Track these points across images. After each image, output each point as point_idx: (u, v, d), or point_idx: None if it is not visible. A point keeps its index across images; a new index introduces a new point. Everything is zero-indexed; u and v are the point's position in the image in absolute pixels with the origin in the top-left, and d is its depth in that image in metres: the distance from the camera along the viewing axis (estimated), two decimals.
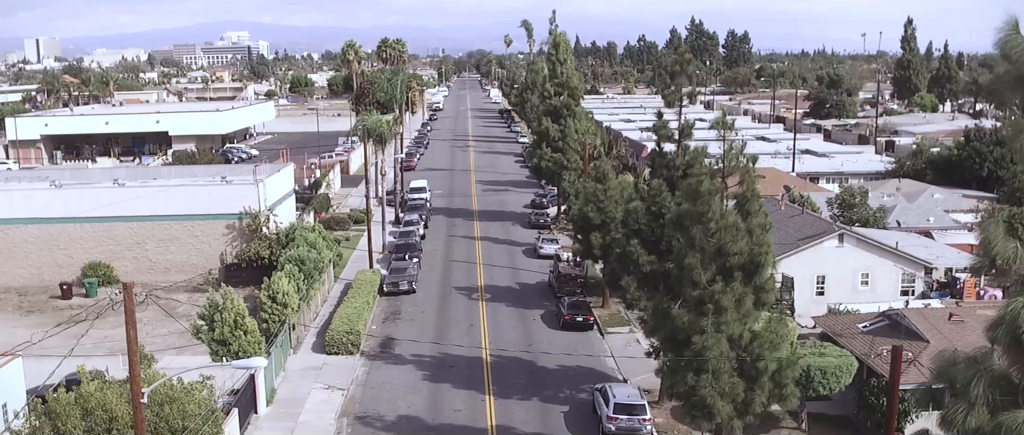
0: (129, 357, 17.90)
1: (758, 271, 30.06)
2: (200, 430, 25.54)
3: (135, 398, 18.22)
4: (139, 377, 18.09)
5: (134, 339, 17.89)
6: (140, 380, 18.20)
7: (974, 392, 11.85)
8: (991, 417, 11.75)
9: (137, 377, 18.02)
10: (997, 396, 11.87)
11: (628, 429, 36.12)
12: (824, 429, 37.88)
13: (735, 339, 29.90)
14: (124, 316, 17.80)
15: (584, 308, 51.84)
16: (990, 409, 11.86)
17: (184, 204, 60.77)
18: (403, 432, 38.06)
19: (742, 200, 30.62)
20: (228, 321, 40.66)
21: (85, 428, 24.17)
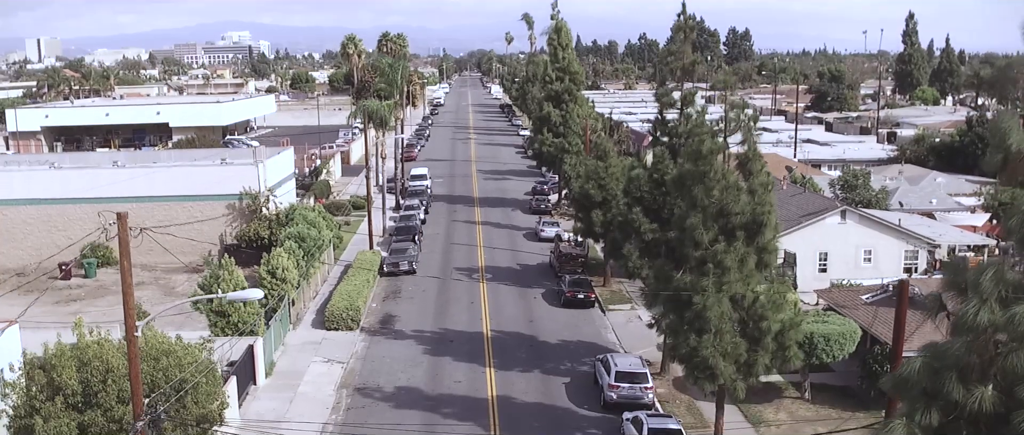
0: (124, 289, 17.61)
1: (760, 231, 29.77)
2: (200, 386, 25.26)
3: (129, 333, 17.95)
4: (133, 311, 17.81)
5: (128, 270, 17.64)
6: (135, 315, 17.90)
7: (985, 286, 11.58)
8: (1003, 310, 11.49)
9: (132, 311, 17.74)
10: (1008, 291, 11.60)
11: (630, 397, 35.84)
12: (827, 399, 37.56)
13: (738, 300, 29.63)
14: (119, 247, 17.52)
15: (585, 285, 51.58)
16: (1002, 304, 11.59)
17: (184, 185, 60.57)
18: (403, 402, 37.79)
19: (744, 159, 30.34)
20: (227, 291, 40.42)
21: (80, 379, 23.92)
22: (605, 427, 35.13)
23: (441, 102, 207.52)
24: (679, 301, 30.40)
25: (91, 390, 23.70)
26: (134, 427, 18.17)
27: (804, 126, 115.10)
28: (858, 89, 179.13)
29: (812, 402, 37.37)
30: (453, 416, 36.26)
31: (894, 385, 12.53)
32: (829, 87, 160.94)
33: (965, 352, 11.78)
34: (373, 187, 72.15)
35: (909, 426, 11.93)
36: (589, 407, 37.23)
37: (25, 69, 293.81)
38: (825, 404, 37.13)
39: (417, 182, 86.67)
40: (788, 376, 39.78)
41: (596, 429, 35.15)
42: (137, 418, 18.07)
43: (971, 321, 11.66)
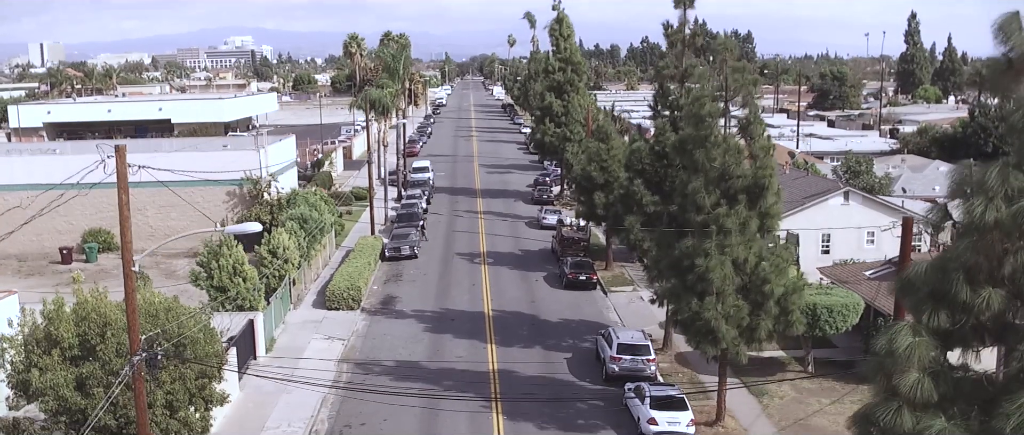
0: (121, 223, 17.46)
1: (762, 194, 29.66)
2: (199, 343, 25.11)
3: (126, 267, 17.78)
4: (130, 244, 17.64)
5: (126, 204, 17.51)
6: (132, 249, 17.73)
7: (991, 184, 11.41)
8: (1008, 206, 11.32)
9: (129, 244, 17.57)
10: (1013, 188, 11.43)
11: (632, 369, 35.63)
12: (830, 373, 37.30)
13: (740, 263, 29.47)
14: (116, 180, 17.40)
15: (587, 267, 51.39)
16: (1007, 201, 11.42)
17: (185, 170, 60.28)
18: (404, 375, 37.61)
19: (745, 123, 30.20)
20: (227, 267, 40.35)
21: (78, 333, 23.79)
22: (607, 398, 34.92)
23: (443, 103, 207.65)
24: (681, 266, 30.25)
25: (89, 344, 23.57)
26: (130, 361, 18.02)
27: (806, 123, 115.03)
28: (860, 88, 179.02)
29: (815, 375, 37.14)
30: (454, 388, 36.07)
31: (901, 287, 12.35)
32: (831, 86, 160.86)
33: (971, 252, 11.61)
34: (375, 179, 72.05)
35: (916, 327, 11.75)
36: (591, 380, 37.04)
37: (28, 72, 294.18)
38: (828, 378, 36.89)
39: (419, 174, 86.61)
40: (791, 351, 39.66)
41: (598, 400, 34.95)
42: (133, 353, 17.91)
43: (977, 220, 11.48)
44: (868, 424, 12.28)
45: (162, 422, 23.08)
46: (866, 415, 12.31)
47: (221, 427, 32.09)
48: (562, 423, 32.68)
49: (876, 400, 12.16)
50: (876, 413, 11.83)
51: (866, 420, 12.34)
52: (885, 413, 11.67)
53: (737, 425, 32.35)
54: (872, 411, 12.04)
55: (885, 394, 12.04)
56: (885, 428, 11.68)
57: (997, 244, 11.60)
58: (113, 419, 22.95)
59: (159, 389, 23.18)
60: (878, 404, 11.97)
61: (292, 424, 32.61)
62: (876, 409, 11.91)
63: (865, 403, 12.78)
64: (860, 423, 12.51)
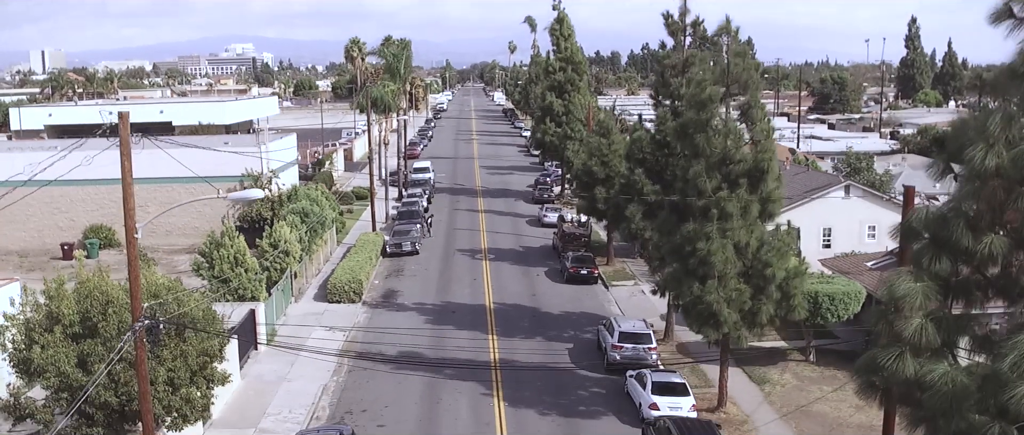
0: (124, 190, 17.45)
1: (763, 178, 29.70)
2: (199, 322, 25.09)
3: (128, 234, 17.76)
4: (133, 210, 17.61)
5: (129, 171, 17.49)
6: (134, 216, 17.71)
7: (992, 130, 11.43)
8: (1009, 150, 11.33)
9: (132, 210, 17.55)
10: (1015, 133, 11.45)
11: (633, 358, 35.56)
12: (832, 362, 37.28)
13: (742, 247, 29.49)
14: (120, 148, 17.37)
15: (588, 262, 51.38)
16: (1008, 146, 11.44)
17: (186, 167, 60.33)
18: (405, 365, 37.56)
19: (745, 107, 30.26)
20: (228, 258, 40.38)
21: (80, 310, 23.77)
22: (608, 387, 34.88)
23: (444, 108, 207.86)
24: (682, 251, 30.25)
25: (91, 322, 23.54)
26: (132, 328, 18.01)
27: (806, 125, 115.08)
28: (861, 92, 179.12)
29: (817, 365, 37.10)
30: (456, 376, 36.03)
31: (904, 233, 12.35)
32: (832, 90, 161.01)
33: (973, 198, 11.62)
34: (376, 180, 72.11)
35: (917, 273, 11.75)
36: (592, 369, 36.98)
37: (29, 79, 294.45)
38: (830, 367, 36.84)
39: (420, 174, 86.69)
40: (793, 342, 39.62)
41: (599, 388, 34.91)
42: (136, 320, 17.90)
43: (978, 166, 11.49)
44: (870, 372, 12.27)
45: (164, 398, 23.04)
46: (868, 363, 12.31)
47: (222, 414, 32.06)
48: (563, 410, 32.65)
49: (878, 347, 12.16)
50: (879, 359, 11.82)
51: (868, 368, 12.34)
52: (887, 358, 11.66)
53: (739, 411, 32.31)
54: (874, 358, 12.03)
55: (887, 340, 12.04)
56: (888, 374, 11.66)
57: (998, 190, 11.60)
58: (114, 397, 22.91)
59: (161, 366, 23.14)
60: (880, 351, 11.96)
61: (293, 410, 32.58)
62: (878, 355, 11.90)
63: (867, 352, 12.78)
64: (862, 371, 12.51)
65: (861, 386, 12.67)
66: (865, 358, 12.59)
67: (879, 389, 12.35)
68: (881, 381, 12.14)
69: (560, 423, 31.47)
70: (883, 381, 12.04)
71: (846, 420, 31.34)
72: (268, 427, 31.11)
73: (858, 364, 12.71)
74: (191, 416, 24.11)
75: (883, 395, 12.66)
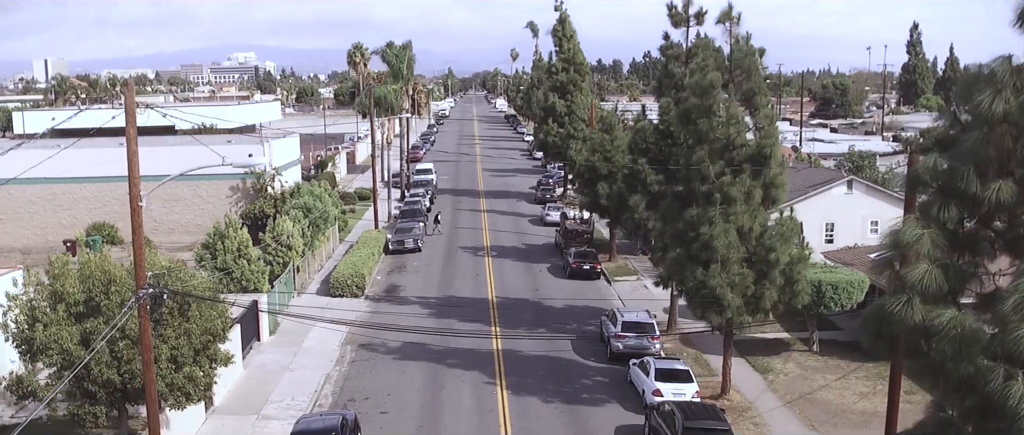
0: (129, 158, 17.45)
1: (766, 164, 29.67)
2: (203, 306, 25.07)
3: (132, 202, 17.75)
4: (138, 179, 17.60)
5: (134, 138, 17.48)
6: (139, 184, 17.70)
7: (1000, 75, 11.41)
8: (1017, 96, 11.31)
9: (136, 179, 17.53)
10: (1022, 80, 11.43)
11: (636, 347, 35.49)
12: (835, 352, 37.18)
13: (745, 232, 29.45)
14: (125, 117, 17.36)
15: (590, 257, 51.33)
16: (1016, 92, 11.41)
17: (188, 164, 60.28)
18: (408, 355, 37.53)
19: (749, 94, 30.25)
20: (231, 249, 40.37)
21: (83, 289, 23.77)
22: (611, 376, 34.80)
23: (446, 114, 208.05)
24: (685, 237, 30.21)
25: (94, 301, 23.53)
26: (136, 295, 17.97)
27: (808, 129, 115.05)
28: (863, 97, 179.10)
29: (820, 355, 37.00)
30: (458, 366, 35.98)
31: (911, 182, 12.30)
32: (834, 95, 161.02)
33: (981, 145, 11.58)
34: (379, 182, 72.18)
35: (924, 220, 11.71)
36: (595, 359, 36.94)
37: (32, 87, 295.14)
38: (833, 356, 36.74)
39: (423, 175, 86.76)
40: (796, 333, 39.53)
41: (602, 377, 34.83)
42: (140, 287, 17.87)
43: (986, 111, 11.46)
44: (877, 322, 12.22)
45: (167, 376, 23.00)
46: (876, 312, 12.26)
47: (224, 401, 32.04)
48: (566, 397, 32.56)
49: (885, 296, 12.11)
50: (886, 307, 11.76)
51: (875, 318, 12.28)
52: (894, 305, 11.61)
53: (742, 398, 32.22)
54: (882, 306, 11.98)
55: (894, 288, 11.99)
56: (895, 321, 11.61)
57: (1006, 137, 11.58)
58: (117, 374, 22.88)
59: (164, 344, 23.11)
60: (888, 298, 11.91)
61: (296, 398, 32.51)
62: (886, 303, 11.85)
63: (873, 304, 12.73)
64: (870, 322, 12.45)
65: (869, 336, 12.60)
66: (873, 307, 12.54)
67: (886, 339, 12.28)
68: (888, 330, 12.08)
69: (563, 410, 31.38)
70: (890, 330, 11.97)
71: (850, 407, 31.24)
72: (271, 413, 31.03)
73: (866, 314, 12.66)
74: (194, 395, 24.08)
75: (890, 345, 12.60)
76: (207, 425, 29.91)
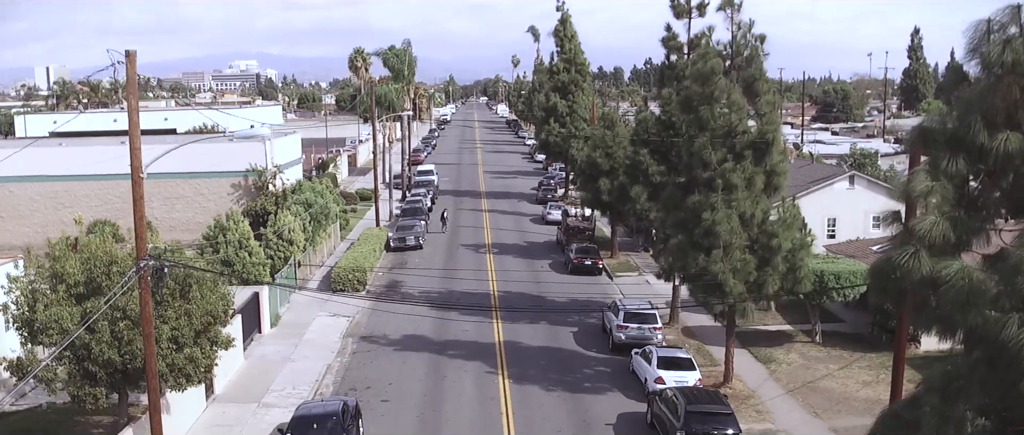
0: (130, 129, 17.37)
1: (768, 150, 29.57)
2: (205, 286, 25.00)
3: (134, 174, 17.65)
4: (139, 150, 17.51)
5: (135, 109, 17.40)
6: (140, 154, 17.61)
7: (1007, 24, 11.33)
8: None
9: (138, 150, 17.45)
10: None
11: (638, 338, 35.37)
12: (838, 343, 37.03)
13: (747, 218, 29.34)
14: (127, 85, 17.27)
15: (592, 252, 51.22)
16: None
17: (189, 162, 60.32)
18: (409, 346, 37.45)
19: (750, 80, 30.18)
20: (233, 241, 40.30)
21: (84, 270, 23.70)
22: (614, 366, 34.68)
23: (447, 119, 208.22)
24: (687, 223, 30.11)
25: (95, 282, 23.45)
26: (136, 265, 17.87)
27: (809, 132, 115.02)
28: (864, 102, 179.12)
29: (823, 346, 36.84)
30: (460, 356, 35.88)
31: (917, 136, 12.20)
32: (835, 99, 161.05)
33: (988, 95, 11.48)
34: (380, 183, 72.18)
35: (934, 171, 11.60)
36: (597, 350, 36.83)
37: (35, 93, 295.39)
38: (836, 347, 36.59)
39: (424, 176, 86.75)
40: (799, 326, 39.39)
41: (604, 367, 34.70)
42: (140, 258, 17.77)
43: (995, 59, 11.37)
44: (884, 276, 12.11)
45: (168, 356, 22.90)
46: (882, 266, 12.15)
47: (225, 389, 31.94)
48: (569, 386, 32.44)
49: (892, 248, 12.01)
50: (893, 258, 11.66)
51: (882, 271, 12.17)
52: (902, 256, 11.50)
53: (744, 386, 32.07)
54: (889, 258, 11.87)
55: (902, 239, 11.89)
56: (903, 272, 11.50)
57: (1014, 87, 11.48)
58: (117, 355, 22.77)
59: (164, 324, 23.02)
60: (895, 250, 11.81)
61: (297, 387, 32.38)
62: (893, 255, 11.74)
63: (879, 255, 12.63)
64: (876, 275, 12.35)
65: (876, 288, 12.48)
66: (880, 259, 12.43)
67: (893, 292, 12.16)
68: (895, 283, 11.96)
69: (565, 398, 31.25)
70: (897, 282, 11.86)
71: (854, 395, 31.08)
72: (272, 402, 30.91)
73: (873, 266, 12.54)
74: (194, 376, 23.97)
75: (897, 298, 12.48)
76: (208, 413, 29.79)
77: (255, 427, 28.51)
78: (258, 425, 28.66)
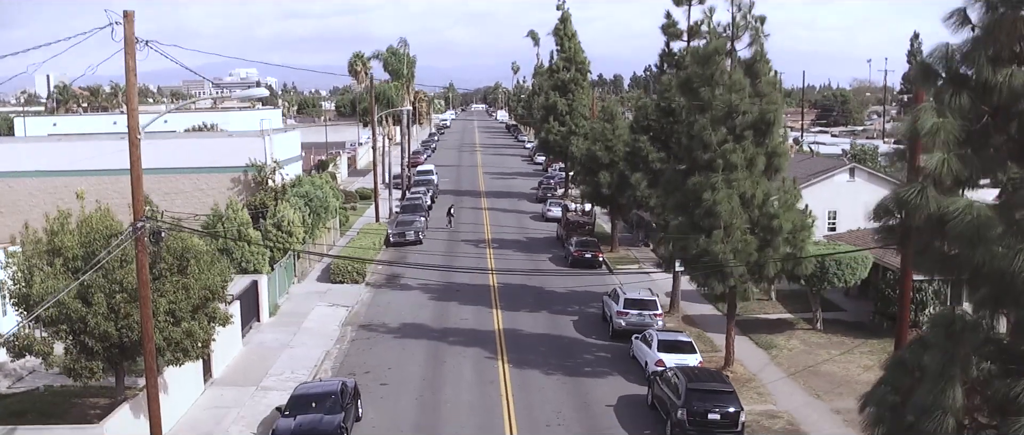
0: (128, 90, 17.25)
1: (769, 130, 29.48)
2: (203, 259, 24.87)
3: (131, 134, 17.53)
4: (136, 110, 17.37)
5: (133, 70, 17.28)
6: (137, 116, 17.45)
7: None
8: None
9: (135, 110, 17.30)
10: None
11: (638, 324, 35.20)
12: (839, 330, 36.86)
13: (747, 199, 29.22)
14: (124, 47, 17.14)
15: (592, 245, 51.08)
16: None
17: (189, 157, 60.28)
18: (408, 334, 37.27)
19: (751, 62, 30.09)
20: (231, 230, 40.15)
21: (83, 242, 23.56)
22: (614, 352, 34.51)
23: (448, 125, 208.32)
24: (688, 206, 29.99)
25: (93, 254, 23.31)
26: (133, 225, 17.72)
27: (809, 135, 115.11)
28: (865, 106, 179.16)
29: (824, 332, 36.67)
30: (459, 343, 35.72)
31: (920, 73, 12.07)
32: (834, 103, 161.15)
33: (994, 29, 11.37)
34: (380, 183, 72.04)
35: (940, 108, 11.47)
36: (598, 337, 36.67)
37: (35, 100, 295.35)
38: (837, 334, 36.42)
39: (424, 176, 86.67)
40: (800, 314, 39.24)
41: (605, 353, 34.54)
42: (137, 219, 17.62)
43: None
44: (888, 213, 11.98)
45: (165, 329, 22.74)
46: (887, 203, 12.03)
47: (223, 374, 31.79)
48: (569, 370, 32.27)
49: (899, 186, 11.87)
50: (900, 195, 11.52)
51: (886, 209, 12.05)
52: (909, 193, 11.36)
53: (745, 370, 31.89)
54: (895, 195, 11.73)
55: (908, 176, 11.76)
56: (909, 209, 11.36)
57: (1019, 24, 11.39)
58: (114, 329, 22.61)
59: (162, 298, 22.87)
60: (902, 187, 11.67)
61: (295, 372, 32.18)
62: (899, 192, 11.60)
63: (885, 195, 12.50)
64: (881, 211, 12.21)
65: (881, 228, 12.35)
66: (885, 198, 12.30)
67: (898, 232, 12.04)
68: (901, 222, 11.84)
69: (565, 381, 31.08)
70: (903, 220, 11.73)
71: (855, 378, 30.86)
72: (270, 385, 30.73)
73: (878, 204, 12.40)
74: (192, 350, 23.80)
75: (902, 238, 12.35)
76: (205, 395, 29.62)
77: (253, 408, 28.33)
78: (256, 407, 28.49)
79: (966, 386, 11.41)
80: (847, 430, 26.51)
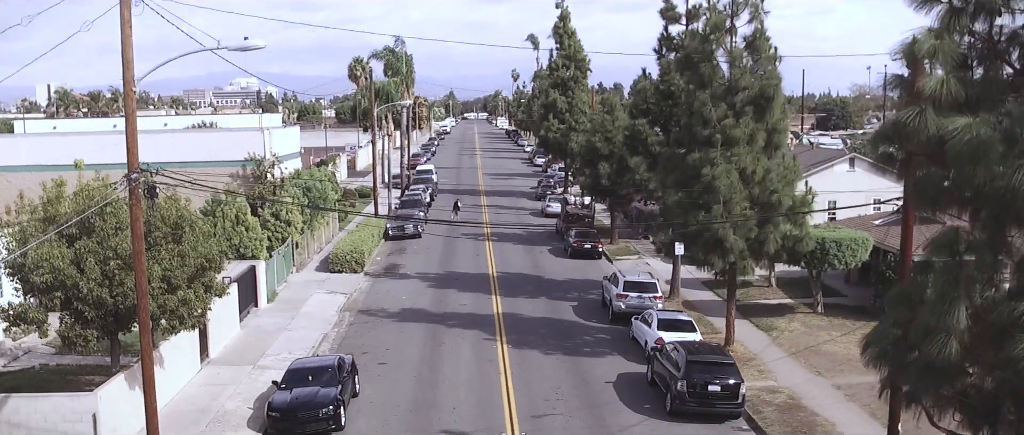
0: (123, 42, 17.07)
1: (769, 106, 29.35)
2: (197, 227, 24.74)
3: (127, 87, 17.36)
4: (131, 62, 17.17)
5: (128, 21, 17.12)
6: (133, 66, 17.22)
7: None
8: None
9: (130, 61, 17.13)
10: None
11: (638, 307, 34.96)
12: (840, 314, 36.66)
13: (747, 175, 29.08)
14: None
15: (591, 236, 50.93)
16: None
17: (188, 151, 60.09)
18: (407, 318, 37.07)
19: (751, 39, 29.97)
20: (230, 216, 40.03)
21: (78, 211, 23.41)
22: (614, 334, 34.32)
23: (448, 130, 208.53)
24: (687, 183, 29.84)
25: (89, 222, 23.19)
26: (128, 177, 17.57)
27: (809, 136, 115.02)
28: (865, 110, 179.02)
29: (824, 315, 36.48)
30: (458, 326, 35.53)
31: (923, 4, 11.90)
32: (834, 107, 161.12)
33: None
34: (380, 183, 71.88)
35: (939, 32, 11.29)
36: (597, 321, 36.48)
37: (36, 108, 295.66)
38: (838, 317, 36.22)
39: (424, 175, 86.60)
40: (800, 299, 39.04)
41: (604, 335, 34.35)
42: (131, 171, 17.46)
43: None
44: (887, 141, 11.82)
45: (159, 297, 22.55)
46: (885, 129, 11.87)
47: (220, 354, 31.62)
48: (568, 351, 32.08)
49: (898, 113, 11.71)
50: (898, 119, 11.36)
51: (886, 137, 11.89)
52: (907, 116, 11.20)
53: (746, 350, 31.68)
54: (894, 121, 11.57)
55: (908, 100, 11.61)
56: (908, 132, 11.20)
57: None
58: (108, 295, 22.44)
59: (157, 265, 22.71)
60: (901, 112, 11.51)
61: (292, 352, 31.92)
62: (899, 117, 11.44)
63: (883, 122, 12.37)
64: (879, 139, 12.05)
65: (879, 153, 12.19)
66: (884, 124, 12.15)
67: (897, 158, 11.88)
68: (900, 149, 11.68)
69: (564, 360, 30.89)
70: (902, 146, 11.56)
71: (856, 357, 30.28)
72: (267, 364, 30.51)
73: (877, 131, 12.24)
74: (188, 319, 23.63)
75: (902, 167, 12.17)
76: (202, 373, 29.43)
77: (250, 385, 28.14)
78: (253, 384, 28.29)
79: (970, 312, 11.23)
80: (849, 404, 26.32)
